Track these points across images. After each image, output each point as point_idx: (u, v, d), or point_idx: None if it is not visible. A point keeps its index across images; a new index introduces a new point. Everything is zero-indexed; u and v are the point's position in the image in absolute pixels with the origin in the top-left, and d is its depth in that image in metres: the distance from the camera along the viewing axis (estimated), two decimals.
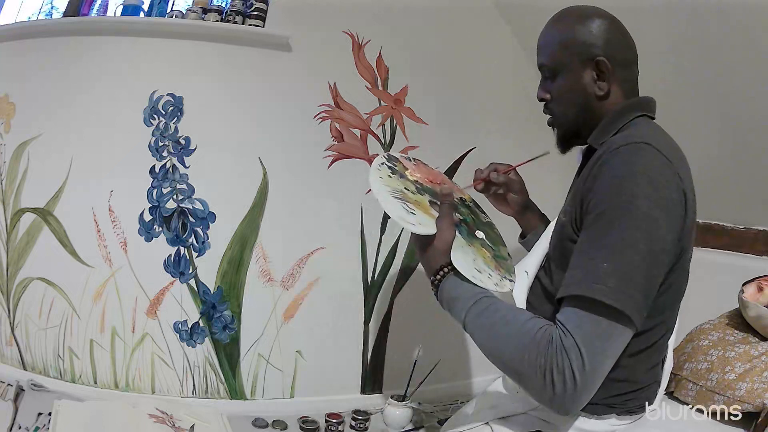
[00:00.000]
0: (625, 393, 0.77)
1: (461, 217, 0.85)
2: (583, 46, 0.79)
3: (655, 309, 0.69)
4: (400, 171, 0.87)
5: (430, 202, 0.82)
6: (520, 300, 0.81)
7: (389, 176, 0.83)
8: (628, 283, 0.63)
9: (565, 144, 0.85)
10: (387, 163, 0.87)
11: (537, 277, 0.82)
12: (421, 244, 0.79)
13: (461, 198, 0.90)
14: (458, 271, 0.76)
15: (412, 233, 0.79)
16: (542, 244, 0.84)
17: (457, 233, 0.78)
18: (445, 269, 0.77)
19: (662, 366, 0.82)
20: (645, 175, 0.66)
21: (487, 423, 0.84)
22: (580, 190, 0.72)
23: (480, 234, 0.86)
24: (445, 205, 0.79)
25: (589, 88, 0.80)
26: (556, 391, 0.62)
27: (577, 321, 0.64)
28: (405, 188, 0.82)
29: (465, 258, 0.77)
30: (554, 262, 0.79)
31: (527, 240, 1.01)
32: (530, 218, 1.02)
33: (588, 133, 0.81)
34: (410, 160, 0.94)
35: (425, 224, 0.76)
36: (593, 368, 0.62)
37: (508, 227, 1.01)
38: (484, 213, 0.96)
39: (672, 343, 0.82)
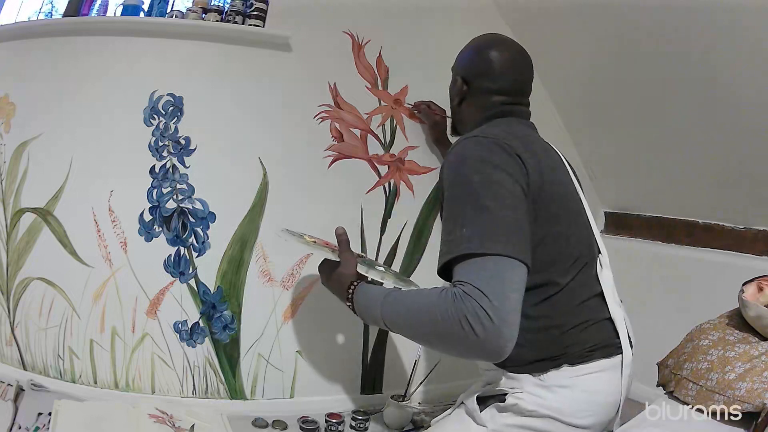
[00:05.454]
0: (559, 338, 0.84)
1: (361, 255, 1.02)
2: (456, 64, 1.08)
3: (537, 262, 0.79)
4: (298, 235, 1.09)
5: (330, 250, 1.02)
6: None
7: (292, 234, 1.08)
8: (487, 230, 0.74)
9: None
10: (289, 230, 1.12)
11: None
12: (329, 270, 0.99)
13: (358, 254, 1.05)
14: (365, 284, 0.92)
15: (320, 267, 1.03)
16: None
17: (359, 264, 0.97)
18: (355, 283, 0.93)
19: (590, 308, 0.89)
20: (473, 155, 0.81)
21: (462, 403, 0.92)
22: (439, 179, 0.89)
23: (379, 267, 1.03)
24: (342, 242, 0.98)
25: (456, 95, 1.06)
26: (477, 333, 0.68)
27: (466, 272, 0.73)
28: (308, 237, 1.07)
29: (369, 268, 0.98)
30: None
31: None
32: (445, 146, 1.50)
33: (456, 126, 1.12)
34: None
35: (331, 256, 1.00)
36: (500, 302, 0.68)
37: None
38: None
39: (611, 295, 0.91)
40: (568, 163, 1.01)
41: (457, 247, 0.74)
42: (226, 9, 1.44)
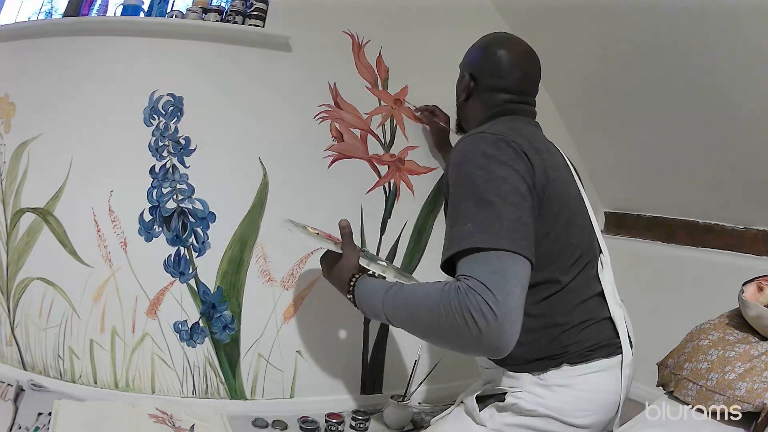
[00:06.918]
0: (558, 337, 0.84)
1: (363, 249, 1.03)
2: (465, 60, 1.09)
3: (538, 259, 0.78)
4: (302, 226, 1.11)
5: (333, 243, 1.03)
6: None
7: (296, 225, 1.11)
8: (491, 225, 0.73)
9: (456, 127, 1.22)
10: (292, 221, 1.16)
11: None
12: (331, 263, 0.99)
13: (360, 248, 1.06)
14: (367, 277, 0.93)
15: (321, 259, 1.03)
16: None
17: (361, 257, 0.97)
18: (357, 275, 0.93)
19: (592, 308, 0.89)
20: (478, 151, 0.81)
21: (462, 402, 0.93)
22: (444, 176, 0.92)
23: (382, 261, 1.05)
24: (345, 235, 0.99)
25: (462, 91, 1.06)
26: (480, 326, 0.67)
27: (470, 267, 0.72)
28: (311, 229, 1.11)
29: (371, 261, 0.98)
30: None
31: None
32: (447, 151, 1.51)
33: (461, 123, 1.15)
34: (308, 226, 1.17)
35: (333, 248, 1.00)
36: (504, 297, 0.68)
37: None
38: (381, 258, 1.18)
39: (612, 295, 0.91)
40: (570, 162, 1.01)
41: (461, 242, 0.74)
42: (226, 9, 1.44)
